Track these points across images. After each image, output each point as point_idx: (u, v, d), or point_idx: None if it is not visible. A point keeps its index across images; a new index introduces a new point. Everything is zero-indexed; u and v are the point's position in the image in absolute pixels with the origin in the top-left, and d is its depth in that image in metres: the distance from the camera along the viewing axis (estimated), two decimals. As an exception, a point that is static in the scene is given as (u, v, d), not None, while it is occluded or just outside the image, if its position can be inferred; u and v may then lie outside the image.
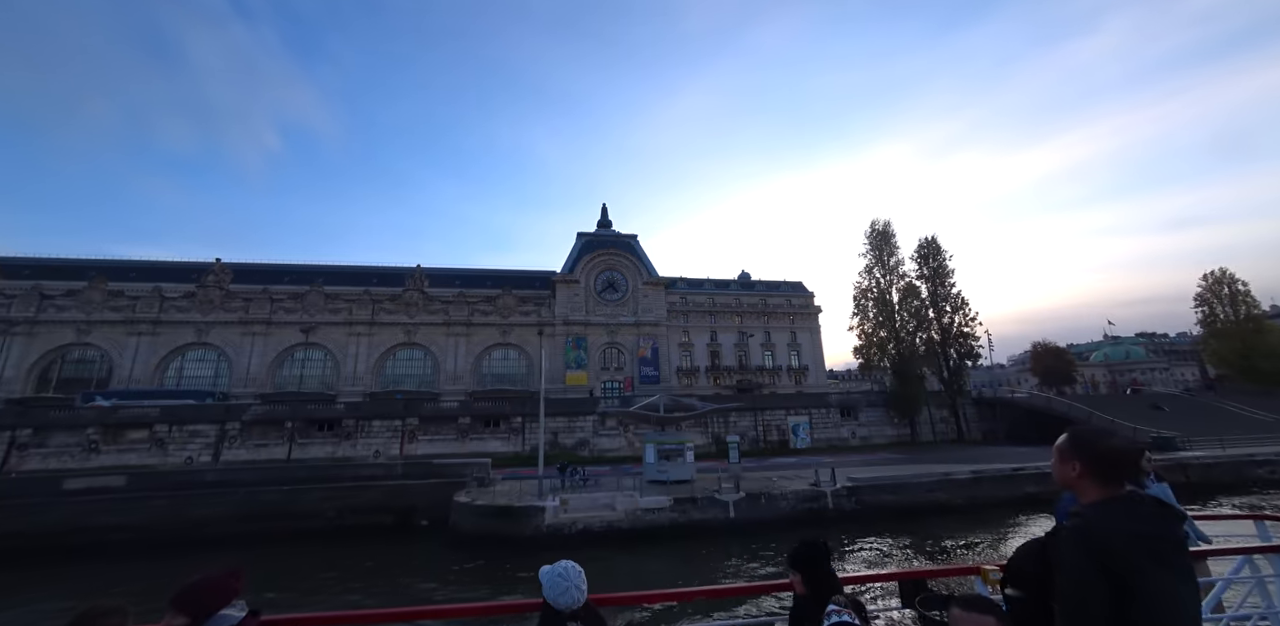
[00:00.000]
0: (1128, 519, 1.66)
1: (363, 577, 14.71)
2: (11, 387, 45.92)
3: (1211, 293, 49.52)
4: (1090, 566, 1.59)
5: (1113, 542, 1.61)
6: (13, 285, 51.48)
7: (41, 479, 21.06)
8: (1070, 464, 1.80)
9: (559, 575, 2.37)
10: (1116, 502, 1.71)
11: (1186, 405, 37.54)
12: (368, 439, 31.75)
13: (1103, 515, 1.69)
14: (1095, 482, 1.76)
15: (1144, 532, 1.62)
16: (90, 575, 15.51)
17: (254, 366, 51.05)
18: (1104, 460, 1.75)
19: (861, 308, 41.64)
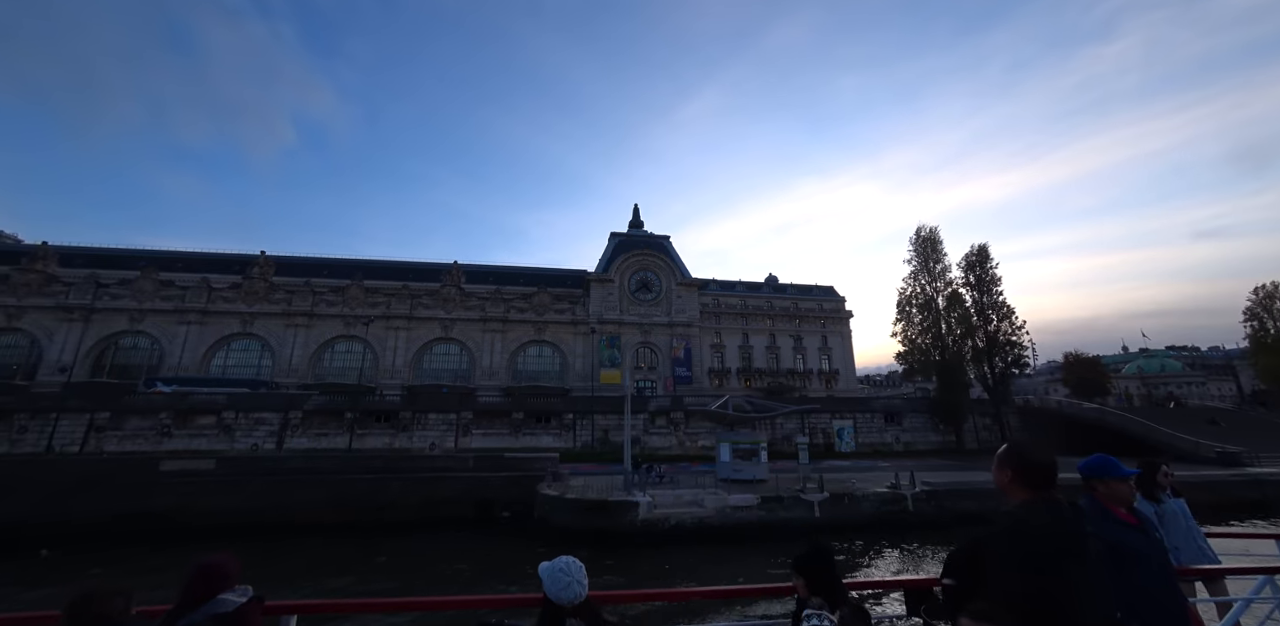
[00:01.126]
0: (1048, 517, 1.93)
1: (485, 568, 15.21)
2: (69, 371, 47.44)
3: (1262, 307, 48.73)
4: (1019, 555, 1.85)
5: (1035, 535, 1.88)
6: (69, 273, 53.11)
7: (140, 460, 21.90)
8: (1004, 470, 2.10)
9: (560, 570, 2.34)
10: (1039, 503, 1.99)
11: (1241, 420, 37.12)
12: (424, 431, 32.44)
13: (1028, 514, 1.96)
14: (1022, 486, 2.06)
15: (1059, 529, 1.90)
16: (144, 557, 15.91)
17: (296, 357, 52.12)
18: (1028, 468, 2.05)
19: (905, 313, 41.61)
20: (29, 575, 14.44)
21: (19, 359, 48.50)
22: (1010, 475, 2.09)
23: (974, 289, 41.69)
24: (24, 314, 48.32)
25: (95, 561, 15.70)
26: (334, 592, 13.40)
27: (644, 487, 19.11)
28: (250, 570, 6.93)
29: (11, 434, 28.59)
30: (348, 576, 14.63)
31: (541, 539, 17.76)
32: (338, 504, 20.21)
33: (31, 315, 48.54)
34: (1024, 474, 2.07)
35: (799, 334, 62.80)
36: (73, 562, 15.48)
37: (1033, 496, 2.03)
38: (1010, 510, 2.05)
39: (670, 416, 34.19)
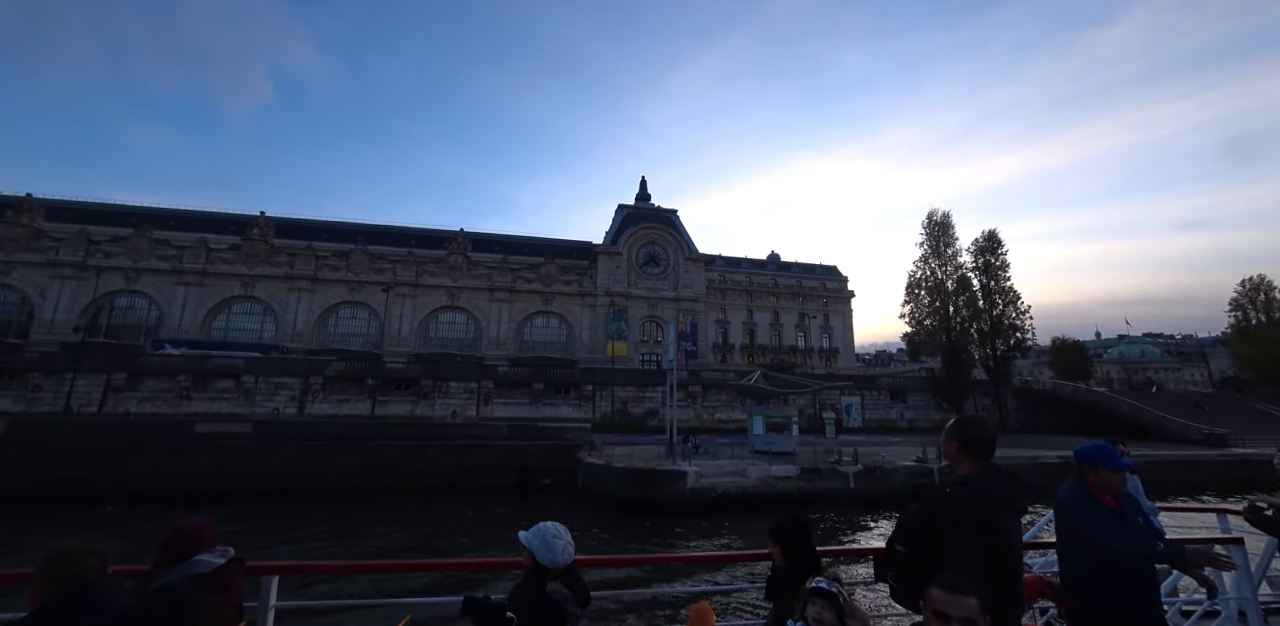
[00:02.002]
0: (994, 484, 2.16)
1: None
2: (65, 331, 46.26)
3: (1247, 298, 50.65)
4: (980, 518, 2.06)
5: (989, 501, 2.10)
6: (57, 228, 50.86)
7: (177, 421, 21.86)
8: (952, 443, 2.29)
9: (553, 535, 2.38)
10: (985, 473, 2.20)
11: (1222, 404, 39.31)
12: (445, 399, 32.71)
13: (979, 482, 2.17)
14: (968, 457, 2.25)
15: (1002, 494, 2.14)
16: (248, 517, 16.24)
17: (300, 322, 51.41)
18: (973, 441, 2.25)
19: (915, 295, 42.34)
20: (96, 529, 14.66)
21: (9, 316, 47.01)
22: (957, 446, 2.28)
23: (982, 273, 42.45)
24: (12, 269, 46.48)
25: (149, 516, 15.95)
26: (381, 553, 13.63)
27: (687, 458, 19.80)
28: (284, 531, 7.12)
29: (27, 392, 28.14)
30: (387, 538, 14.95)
31: (586, 505, 18.42)
32: (373, 469, 20.55)
33: (20, 271, 46.72)
34: (969, 446, 2.25)
35: (802, 312, 63.64)
36: (132, 518, 15.73)
37: (979, 466, 2.23)
38: (960, 480, 2.24)
39: (689, 389, 34.94)
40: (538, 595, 2.28)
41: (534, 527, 2.44)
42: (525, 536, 2.42)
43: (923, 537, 2.19)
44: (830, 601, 2.22)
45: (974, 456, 2.25)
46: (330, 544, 14.60)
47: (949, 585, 1.80)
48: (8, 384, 28.68)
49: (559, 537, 2.37)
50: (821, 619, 2.19)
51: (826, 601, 2.21)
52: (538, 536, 2.39)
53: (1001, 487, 2.17)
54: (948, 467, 20.33)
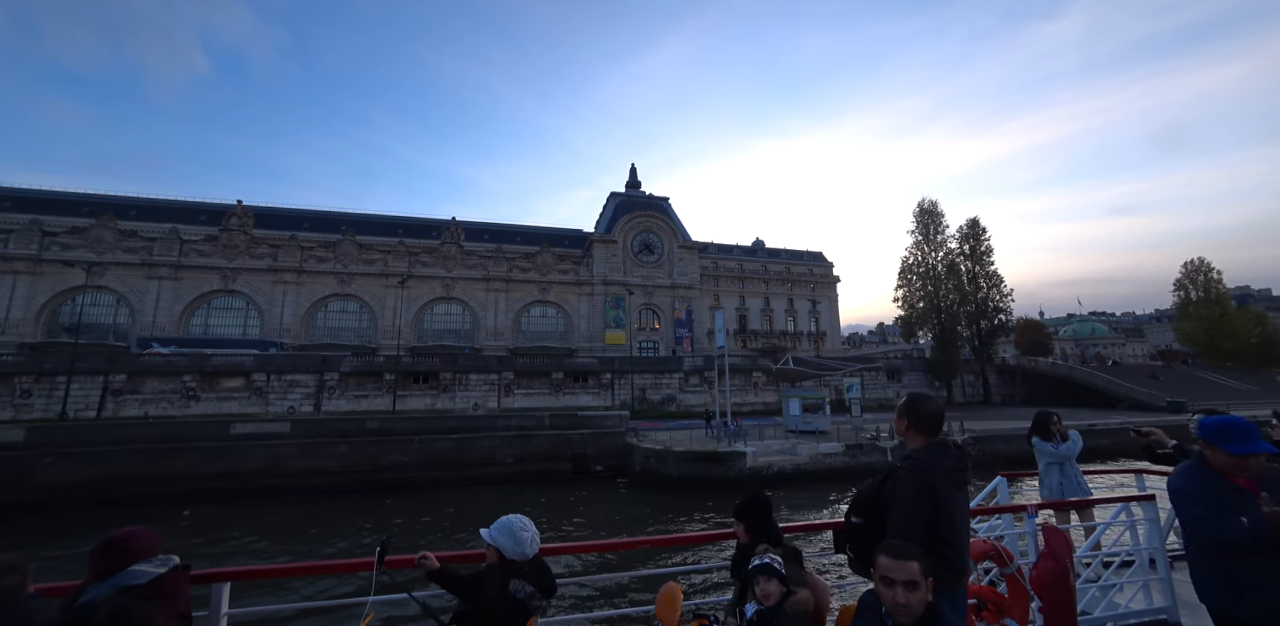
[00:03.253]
0: (940, 458, 2.26)
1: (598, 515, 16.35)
2: (20, 330, 42.83)
3: (1189, 279, 55.73)
4: (919, 490, 2.17)
5: (931, 474, 2.20)
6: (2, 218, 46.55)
7: (213, 423, 21.09)
8: (902, 420, 2.39)
9: (519, 528, 2.35)
10: (933, 447, 2.31)
11: (1174, 375, 43.62)
12: (466, 392, 32.47)
13: (925, 456, 2.27)
14: (918, 433, 2.34)
15: (948, 466, 2.25)
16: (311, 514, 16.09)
17: (287, 316, 49.29)
18: (921, 418, 2.35)
19: (908, 280, 44.57)
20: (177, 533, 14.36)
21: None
22: (906, 424, 2.40)
23: (968, 258, 45.03)
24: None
25: (229, 518, 15.71)
26: (458, 544, 13.72)
27: (732, 439, 20.76)
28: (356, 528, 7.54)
29: (14, 398, 26.19)
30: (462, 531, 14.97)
31: (645, 487, 19.15)
32: (427, 463, 20.65)
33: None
34: (917, 422, 2.36)
35: (791, 297, 65.64)
36: (213, 520, 15.43)
37: (926, 442, 2.35)
38: (909, 454, 2.34)
39: (704, 374, 35.94)
40: (500, 595, 2.23)
41: (496, 522, 2.38)
42: (488, 533, 2.37)
43: (874, 510, 2.33)
44: (771, 573, 2.32)
45: (922, 432, 2.36)
46: (417, 538, 14.65)
47: (893, 551, 1.91)
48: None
49: (525, 530, 2.35)
50: (768, 591, 2.30)
51: (768, 574, 2.33)
52: (503, 531, 2.34)
53: (946, 460, 2.29)
54: (970, 439, 22.10)
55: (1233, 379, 42.50)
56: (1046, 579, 3.21)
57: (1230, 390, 39.45)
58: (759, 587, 2.32)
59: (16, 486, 16.82)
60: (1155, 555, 4.03)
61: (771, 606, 2.30)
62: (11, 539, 13.59)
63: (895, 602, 1.85)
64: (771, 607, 2.30)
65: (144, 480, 18.00)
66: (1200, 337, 53.07)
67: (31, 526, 14.76)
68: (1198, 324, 53.21)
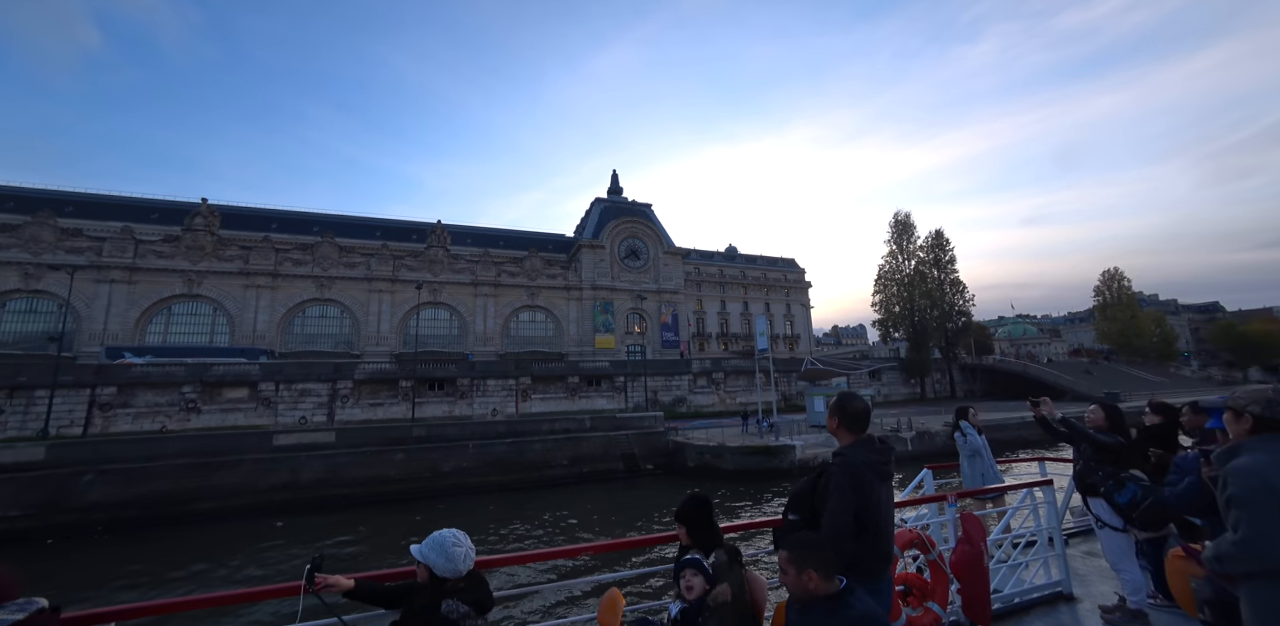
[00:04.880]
0: (866, 452, 2.48)
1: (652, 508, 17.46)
2: (-58, 341, 37.76)
3: (1106, 286, 64.13)
4: (849, 484, 2.35)
5: (859, 468, 2.40)
6: (-84, 213, 40.82)
7: (253, 434, 20.13)
8: (833, 419, 2.58)
9: (452, 543, 2.22)
10: (860, 443, 2.52)
11: (1102, 370, 50.21)
12: (484, 398, 32.17)
13: (853, 452, 2.48)
14: (847, 431, 2.55)
15: (874, 460, 2.46)
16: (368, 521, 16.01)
17: (261, 322, 46.27)
18: (849, 416, 2.55)
19: (885, 287, 48.57)
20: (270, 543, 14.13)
21: None
22: (837, 422, 2.56)
23: (934, 266, 49.71)
24: None
25: (317, 530, 15.54)
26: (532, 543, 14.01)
27: (778, 434, 22.46)
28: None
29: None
30: (540, 530, 15.39)
31: (702, 480, 20.34)
32: (486, 468, 20.92)
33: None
34: (846, 420, 2.53)
35: (767, 301, 69.03)
36: (304, 531, 15.18)
37: (854, 438, 2.52)
38: (839, 451, 2.50)
39: (712, 376, 37.57)
40: (431, 618, 2.14)
41: (427, 539, 2.25)
42: (419, 549, 2.25)
43: (810, 506, 2.46)
44: (696, 567, 2.38)
45: (850, 429, 2.53)
46: (498, 543, 14.60)
47: (778, 542, 2.13)
48: (-47, 407, 23.64)
49: (458, 545, 2.23)
50: (691, 585, 2.33)
51: (694, 569, 2.37)
52: (434, 548, 2.22)
53: (872, 454, 2.46)
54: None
55: (1147, 372, 49.57)
56: (964, 562, 3.42)
57: (1148, 382, 46.07)
58: (683, 582, 2.37)
59: (57, 508, 15.69)
60: (1053, 534, 4.33)
61: (694, 601, 2.33)
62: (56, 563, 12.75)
63: (782, 584, 2.06)
64: (694, 602, 2.33)
65: (196, 495, 17.26)
66: (1115, 337, 61.15)
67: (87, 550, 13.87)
68: (1113, 325, 61.30)
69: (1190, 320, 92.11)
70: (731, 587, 2.29)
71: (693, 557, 2.45)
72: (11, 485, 15.67)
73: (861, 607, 1.92)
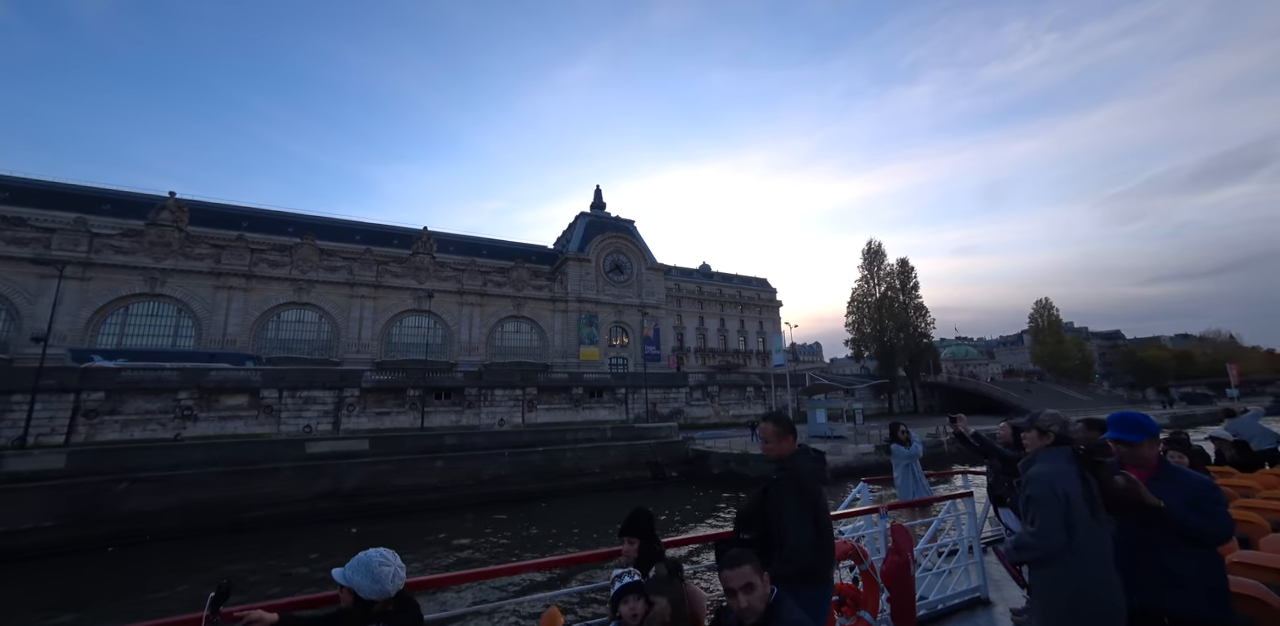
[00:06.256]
0: (807, 461, 2.67)
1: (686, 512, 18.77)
2: None
3: (1039, 314, 72.20)
4: (804, 493, 2.49)
5: (807, 477, 2.57)
6: None
7: (284, 442, 19.60)
8: (771, 427, 2.75)
9: (379, 563, 2.09)
10: (800, 453, 2.70)
11: (1040, 389, 56.46)
12: (491, 407, 32.10)
13: (798, 461, 2.64)
14: (785, 440, 2.70)
15: (815, 468, 2.68)
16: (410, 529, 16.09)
17: (232, 326, 43.71)
18: (786, 423, 2.77)
19: (859, 309, 52.65)
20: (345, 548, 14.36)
21: None
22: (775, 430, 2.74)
23: (900, 292, 54.49)
24: None
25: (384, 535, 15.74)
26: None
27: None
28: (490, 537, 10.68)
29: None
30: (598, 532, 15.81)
31: (722, 487, 21.67)
32: (523, 475, 21.53)
33: None
34: (784, 427, 2.75)
35: (742, 318, 72.30)
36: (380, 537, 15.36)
37: (794, 448, 2.71)
38: (783, 465, 2.65)
39: (707, 389, 39.30)
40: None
41: (351, 561, 2.11)
42: (341, 573, 2.10)
43: (761, 524, 2.53)
44: (638, 590, 2.38)
45: (788, 437, 2.69)
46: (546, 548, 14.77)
47: (726, 562, 2.03)
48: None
49: (386, 564, 2.10)
50: (635, 611, 2.32)
51: (637, 593, 2.36)
52: (358, 569, 2.08)
53: (813, 463, 2.64)
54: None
55: (1074, 391, 56.29)
56: (893, 571, 3.54)
57: (1076, 399, 52.36)
58: (627, 607, 2.32)
59: (97, 517, 15.07)
60: (972, 542, 4.60)
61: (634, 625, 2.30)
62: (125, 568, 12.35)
63: (740, 608, 1.95)
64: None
65: (241, 503, 16.95)
66: (1046, 359, 68.79)
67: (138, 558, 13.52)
68: (1044, 348, 68.99)
69: (1099, 345, 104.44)
70: (671, 603, 2.33)
71: (634, 581, 2.41)
72: (37, 494, 14.88)
73: (793, 617, 1.94)
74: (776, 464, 2.65)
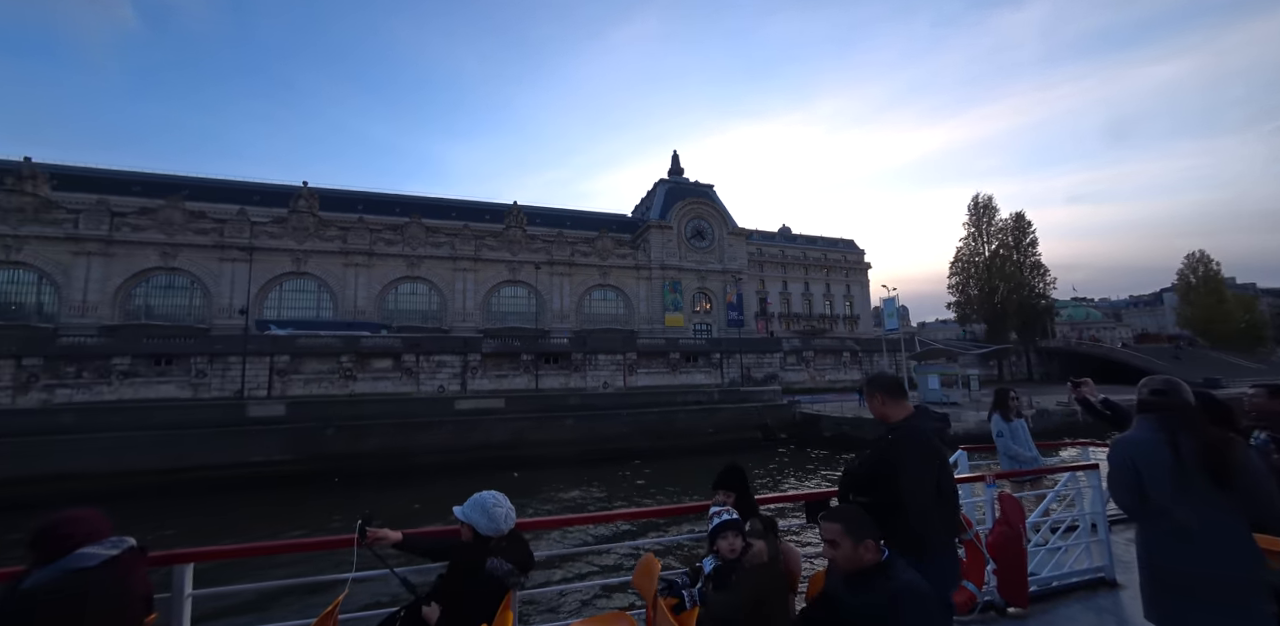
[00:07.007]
0: (927, 421, 2.48)
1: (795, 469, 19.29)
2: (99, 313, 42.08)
3: (1190, 269, 61.98)
4: (923, 455, 2.34)
5: (928, 437, 2.40)
6: (64, 197, 44.95)
7: (437, 400, 22.83)
8: (875, 396, 2.57)
9: (493, 504, 2.35)
10: (919, 413, 2.51)
11: (1191, 355, 49.52)
12: (595, 371, 34.58)
13: (916, 423, 2.46)
14: (894, 404, 2.51)
15: (936, 427, 2.49)
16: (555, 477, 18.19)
17: (361, 299, 49.60)
18: (891, 387, 2.57)
19: (965, 269, 48.54)
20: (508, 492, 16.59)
21: (26, 297, 41.95)
22: (881, 399, 2.54)
23: (1014, 250, 49.22)
24: (24, 245, 41.04)
25: (548, 481, 17.90)
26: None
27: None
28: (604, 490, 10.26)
29: (190, 377, 26.95)
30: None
31: (835, 449, 21.98)
32: (640, 434, 23.06)
33: (33, 246, 41.34)
34: (891, 391, 2.53)
35: (828, 282, 69.37)
36: (532, 481, 17.69)
37: (907, 410, 2.49)
38: (896, 425, 2.45)
39: (802, 354, 39.09)
40: (476, 574, 2.24)
41: (469, 500, 2.38)
42: (461, 511, 2.37)
43: (873, 485, 2.37)
44: (738, 529, 2.41)
45: (899, 401, 2.49)
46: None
47: (825, 515, 2.16)
48: (168, 370, 27.24)
49: (499, 505, 2.36)
50: (734, 546, 2.37)
51: (736, 530, 2.40)
52: (476, 508, 2.35)
53: (935, 421, 2.46)
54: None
55: (1241, 359, 48.65)
56: (1001, 543, 3.45)
57: (1243, 368, 45.35)
58: (726, 542, 2.39)
59: (315, 454, 18.57)
60: (1097, 519, 4.30)
61: (729, 559, 2.36)
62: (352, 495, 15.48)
63: (829, 557, 2.05)
64: (729, 560, 2.36)
65: (413, 451, 19.91)
66: (1199, 322, 59.53)
67: (378, 491, 16.63)
68: (1196, 310, 59.60)
69: (1270, 304, 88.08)
70: (768, 552, 2.36)
71: (733, 518, 2.48)
72: (276, 435, 18.60)
73: (906, 577, 1.94)
74: (888, 426, 2.50)
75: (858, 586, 1.98)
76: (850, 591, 2.00)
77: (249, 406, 19.00)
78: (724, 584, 2.33)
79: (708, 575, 2.41)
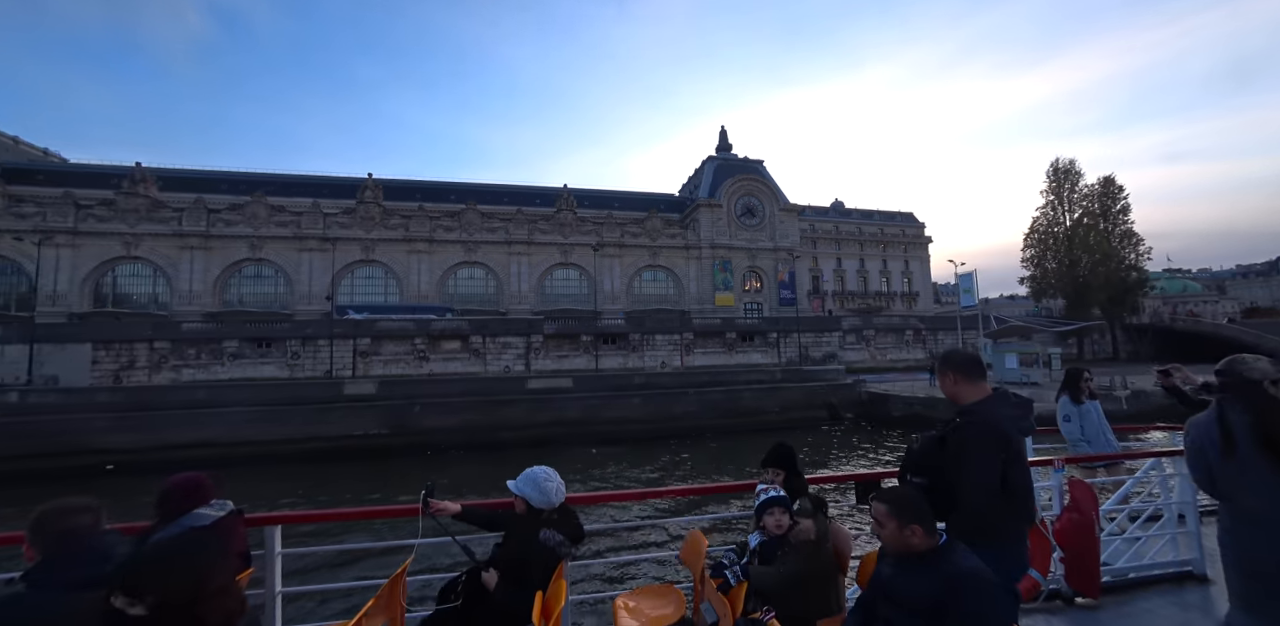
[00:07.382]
0: (1003, 407, 2.23)
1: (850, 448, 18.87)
2: (203, 301, 46.71)
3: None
4: (992, 442, 2.11)
5: (1001, 424, 2.16)
6: (169, 197, 49.67)
7: (509, 379, 24.17)
8: (948, 376, 2.33)
9: (544, 478, 2.44)
10: (997, 396, 2.26)
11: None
12: (653, 351, 35.25)
13: (991, 407, 2.22)
14: (969, 383, 2.27)
15: (1013, 414, 2.23)
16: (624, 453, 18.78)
17: (424, 284, 52.33)
18: (966, 368, 2.30)
19: (1043, 241, 44.86)
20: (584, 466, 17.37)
21: (145, 288, 47.26)
22: (954, 378, 2.32)
23: (1100, 218, 44.84)
24: (140, 242, 45.96)
25: (622, 456, 18.66)
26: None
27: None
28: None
29: (287, 359, 29.88)
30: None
31: (905, 428, 21.42)
32: (707, 412, 23.33)
33: (148, 243, 46.22)
34: (965, 373, 2.31)
35: (884, 257, 66.16)
36: (608, 456, 18.56)
37: (984, 392, 2.29)
38: (969, 408, 2.25)
39: (862, 333, 38.02)
40: (530, 544, 2.34)
41: (521, 474, 2.49)
42: (514, 484, 2.48)
43: (936, 468, 2.25)
44: (785, 505, 2.41)
45: (972, 381, 2.31)
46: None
47: (878, 495, 2.09)
48: (268, 352, 30.29)
49: (550, 480, 2.46)
50: (781, 522, 2.38)
51: (783, 506, 2.41)
52: (528, 482, 2.46)
53: (1009, 408, 2.27)
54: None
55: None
56: (1070, 530, 3.30)
57: (1375, 344, 39.85)
58: (773, 518, 2.40)
59: (406, 429, 20.16)
60: (1185, 510, 3.98)
61: (776, 535, 2.37)
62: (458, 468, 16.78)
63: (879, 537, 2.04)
64: (775, 536, 2.38)
65: (495, 426, 21.12)
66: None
67: (462, 465, 17.96)
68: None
69: None
70: (816, 530, 2.35)
71: (780, 495, 2.48)
72: (371, 411, 20.32)
73: (967, 563, 1.85)
74: (958, 408, 2.31)
75: (909, 570, 1.91)
76: (900, 574, 1.94)
77: (345, 385, 20.83)
78: (769, 559, 2.38)
79: (753, 550, 2.46)
